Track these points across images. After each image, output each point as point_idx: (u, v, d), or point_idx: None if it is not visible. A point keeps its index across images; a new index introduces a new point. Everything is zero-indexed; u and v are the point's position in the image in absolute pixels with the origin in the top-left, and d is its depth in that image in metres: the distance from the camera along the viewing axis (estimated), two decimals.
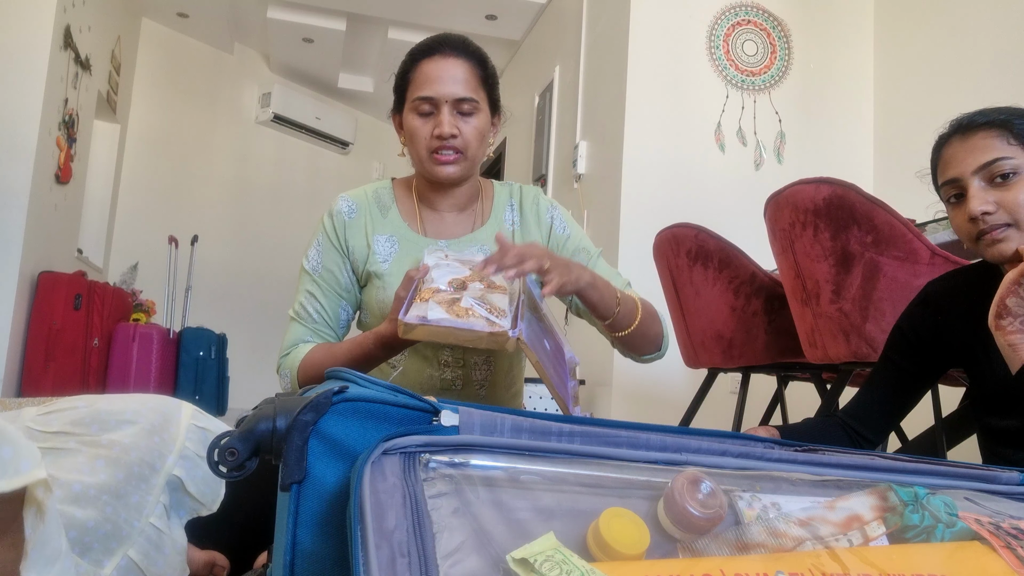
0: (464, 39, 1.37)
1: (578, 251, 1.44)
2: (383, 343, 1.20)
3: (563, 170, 4.15)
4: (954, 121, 1.22)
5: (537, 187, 1.51)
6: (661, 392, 3.24)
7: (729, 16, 3.61)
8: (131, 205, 5.44)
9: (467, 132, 1.32)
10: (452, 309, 1.04)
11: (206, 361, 4.64)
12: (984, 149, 1.15)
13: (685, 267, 2.33)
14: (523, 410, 1.53)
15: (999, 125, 1.16)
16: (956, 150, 1.19)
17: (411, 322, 1.02)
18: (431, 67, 1.32)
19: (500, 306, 1.07)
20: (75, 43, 4.18)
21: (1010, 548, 0.61)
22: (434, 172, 1.33)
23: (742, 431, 1.11)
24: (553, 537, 0.53)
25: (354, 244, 1.37)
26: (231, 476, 0.59)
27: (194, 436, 0.99)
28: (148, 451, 0.94)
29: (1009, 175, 1.13)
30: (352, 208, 1.39)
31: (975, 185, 1.16)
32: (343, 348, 1.28)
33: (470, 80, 1.32)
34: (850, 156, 3.65)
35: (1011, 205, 1.13)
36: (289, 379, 1.33)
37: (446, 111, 1.30)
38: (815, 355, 1.94)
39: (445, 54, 1.32)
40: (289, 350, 1.36)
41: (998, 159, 1.14)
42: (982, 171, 1.15)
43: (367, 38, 5.65)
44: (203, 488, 0.99)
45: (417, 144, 1.33)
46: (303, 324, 1.37)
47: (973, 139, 1.17)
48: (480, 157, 1.37)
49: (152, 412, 0.98)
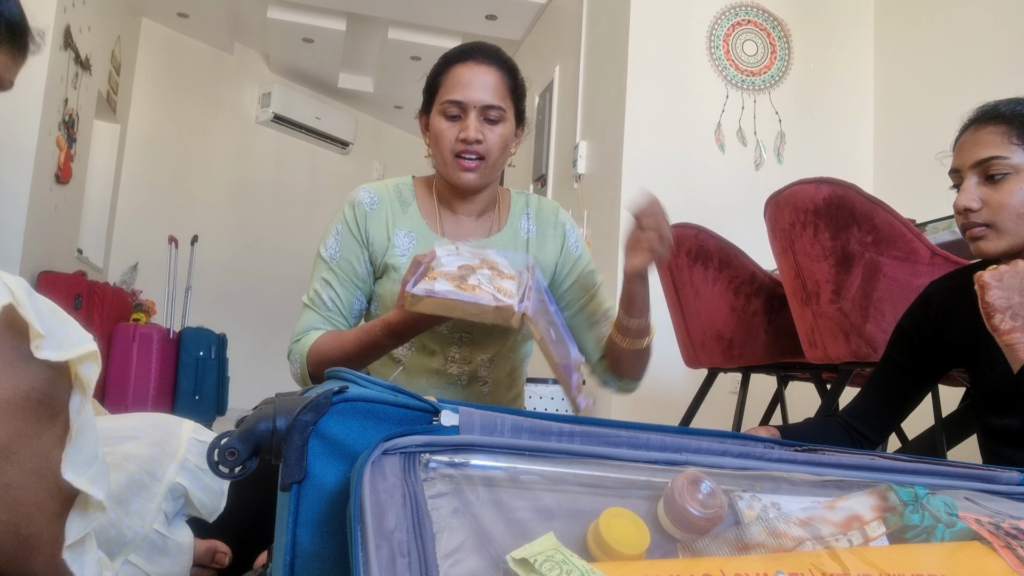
0: (497, 49, 1.39)
1: (586, 274, 1.47)
2: (391, 331, 1.21)
3: (563, 170, 4.15)
4: (979, 108, 1.21)
5: (556, 203, 1.54)
6: (661, 392, 3.24)
7: (729, 16, 3.61)
8: (131, 205, 5.44)
9: (491, 139, 1.33)
10: (460, 285, 1.05)
11: (206, 361, 4.64)
12: (986, 145, 1.16)
13: (685, 267, 2.34)
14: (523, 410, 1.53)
15: (1008, 121, 1.15)
16: (966, 140, 1.20)
17: (418, 293, 1.03)
18: (463, 72, 1.33)
19: (508, 289, 1.08)
20: (75, 43, 4.18)
21: (1010, 548, 0.61)
22: (455, 177, 1.35)
23: (742, 431, 1.11)
24: (553, 537, 0.53)
25: (374, 235, 1.38)
26: (231, 476, 0.59)
27: (195, 449, 1.00)
28: (149, 460, 0.94)
29: (1002, 175, 1.14)
30: (374, 199, 1.40)
31: (970, 179, 1.17)
32: (351, 335, 1.29)
33: (499, 88, 1.34)
34: (850, 156, 3.65)
35: (995, 205, 1.14)
36: (299, 364, 1.34)
37: (473, 116, 1.32)
38: (815, 355, 1.94)
39: (478, 60, 1.34)
40: (300, 336, 1.37)
41: (994, 157, 1.14)
42: (978, 166, 1.16)
43: (367, 38, 5.65)
44: (204, 498, 1.00)
45: (442, 146, 1.34)
46: (316, 311, 1.37)
47: (982, 132, 1.17)
48: (501, 165, 1.39)
49: (153, 428, 0.99)
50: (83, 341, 0.67)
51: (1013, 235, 1.14)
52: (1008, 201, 1.13)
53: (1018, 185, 1.13)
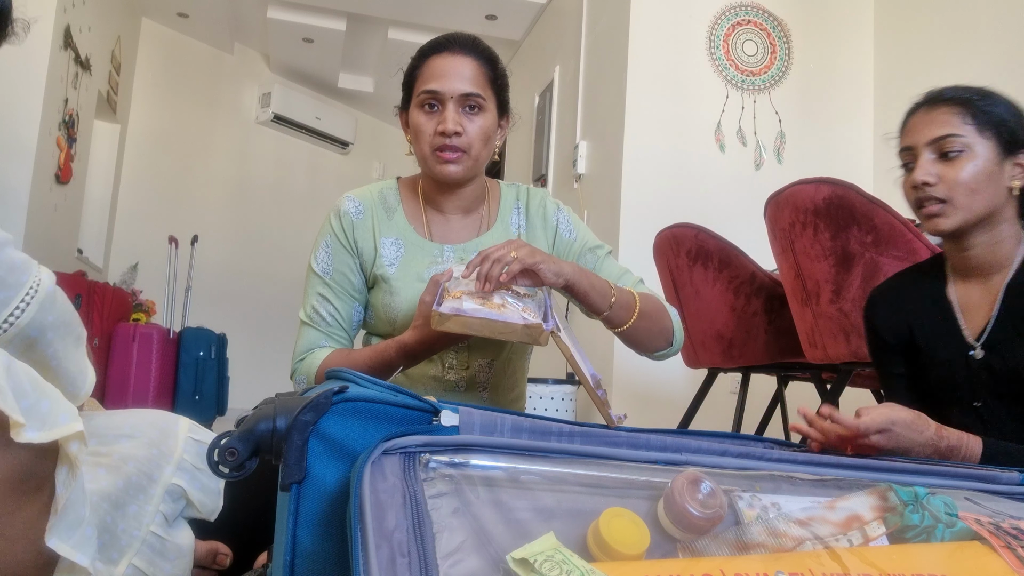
0: (474, 38, 1.36)
1: (585, 252, 1.43)
2: (407, 352, 1.19)
3: (563, 170, 4.15)
4: (929, 91, 1.28)
5: (544, 190, 1.50)
6: (661, 392, 3.24)
7: (729, 16, 3.61)
8: (131, 205, 5.44)
9: (472, 131, 1.30)
10: (486, 304, 1.04)
11: (206, 361, 4.63)
12: (941, 124, 1.22)
13: (685, 267, 2.33)
14: (523, 411, 1.52)
15: (961, 103, 1.22)
16: (918, 120, 1.26)
17: (446, 312, 1.02)
18: (439, 63, 1.31)
19: (530, 306, 1.07)
20: (75, 43, 4.18)
21: (1010, 548, 0.61)
22: (436, 171, 1.32)
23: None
24: (553, 537, 0.53)
25: (363, 245, 1.36)
26: (231, 476, 0.59)
27: (192, 449, 0.99)
28: (146, 462, 0.94)
29: (956, 152, 1.20)
30: (359, 208, 1.37)
31: (925, 156, 1.23)
32: (363, 356, 1.26)
33: (478, 78, 1.31)
34: (850, 156, 3.65)
35: (950, 181, 1.20)
36: (305, 386, 1.30)
37: (451, 107, 1.29)
38: (815, 355, 1.94)
39: (454, 51, 1.32)
40: (304, 355, 1.34)
41: (950, 135, 1.20)
42: (934, 144, 1.22)
43: (367, 38, 5.65)
44: (203, 498, 0.99)
45: (421, 141, 1.31)
46: (317, 328, 1.35)
47: (935, 112, 1.24)
48: (485, 158, 1.36)
49: (150, 427, 0.99)
50: (68, 419, 0.66)
51: (965, 211, 1.20)
52: (962, 177, 1.19)
53: (971, 162, 1.19)
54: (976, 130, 1.20)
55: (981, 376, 1.23)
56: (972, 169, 1.19)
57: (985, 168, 1.19)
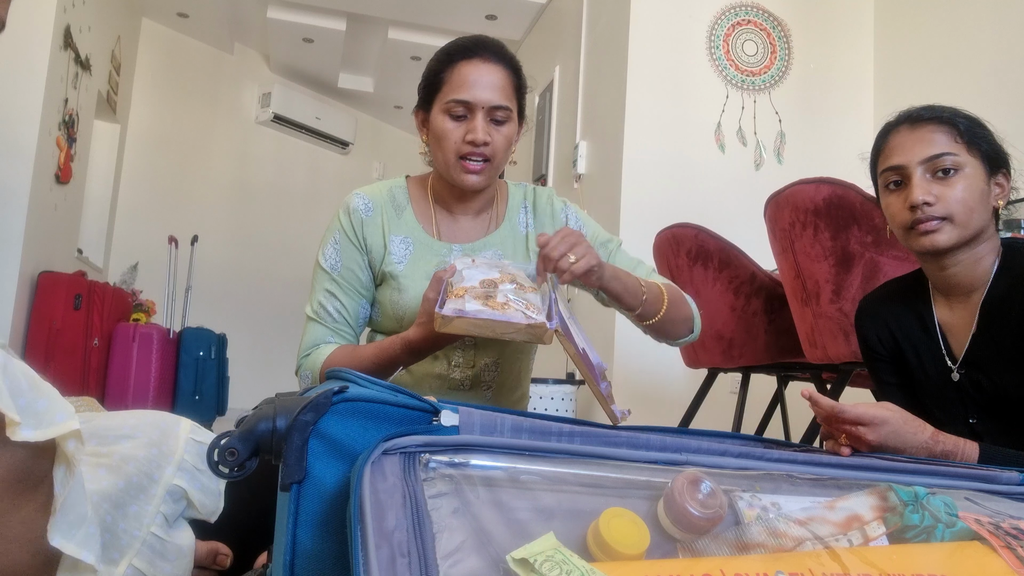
0: (501, 45, 1.34)
1: (597, 247, 1.42)
2: (411, 349, 1.18)
3: (563, 170, 4.15)
4: (903, 112, 1.26)
5: (550, 188, 1.50)
6: (661, 392, 3.24)
7: (729, 16, 3.61)
8: (131, 205, 5.44)
9: (498, 140, 1.30)
10: (488, 303, 1.03)
11: (206, 361, 4.63)
12: (932, 142, 1.20)
13: (685, 267, 2.33)
14: (523, 411, 1.52)
15: (946, 122, 1.20)
16: (904, 139, 1.23)
17: (448, 315, 1.01)
18: (469, 70, 1.29)
19: (534, 303, 1.06)
20: (75, 43, 4.18)
21: (1010, 548, 0.61)
22: (459, 179, 1.31)
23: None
24: (553, 537, 0.53)
25: (372, 242, 1.36)
26: (231, 476, 0.59)
27: (192, 449, 0.99)
28: (147, 462, 0.94)
29: (951, 171, 1.18)
30: (368, 206, 1.37)
31: (918, 175, 1.20)
32: (368, 352, 1.25)
33: (506, 88, 1.30)
34: (850, 156, 3.64)
35: (949, 200, 1.18)
36: (310, 381, 1.30)
37: (480, 117, 1.27)
38: (815, 355, 1.94)
39: (484, 58, 1.30)
40: (309, 351, 1.33)
41: (944, 154, 1.18)
42: (927, 163, 1.20)
43: (367, 38, 5.65)
44: (203, 499, 0.99)
45: (445, 147, 1.30)
46: (323, 324, 1.34)
47: (921, 130, 1.21)
48: (504, 165, 1.36)
49: (150, 427, 0.98)
50: (64, 417, 0.65)
51: (964, 227, 1.19)
52: (960, 195, 1.18)
53: (967, 181, 1.18)
54: (966, 148, 1.19)
55: (970, 394, 1.23)
56: (968, 187, 1.18)
57: (977, 186, 1.19)
